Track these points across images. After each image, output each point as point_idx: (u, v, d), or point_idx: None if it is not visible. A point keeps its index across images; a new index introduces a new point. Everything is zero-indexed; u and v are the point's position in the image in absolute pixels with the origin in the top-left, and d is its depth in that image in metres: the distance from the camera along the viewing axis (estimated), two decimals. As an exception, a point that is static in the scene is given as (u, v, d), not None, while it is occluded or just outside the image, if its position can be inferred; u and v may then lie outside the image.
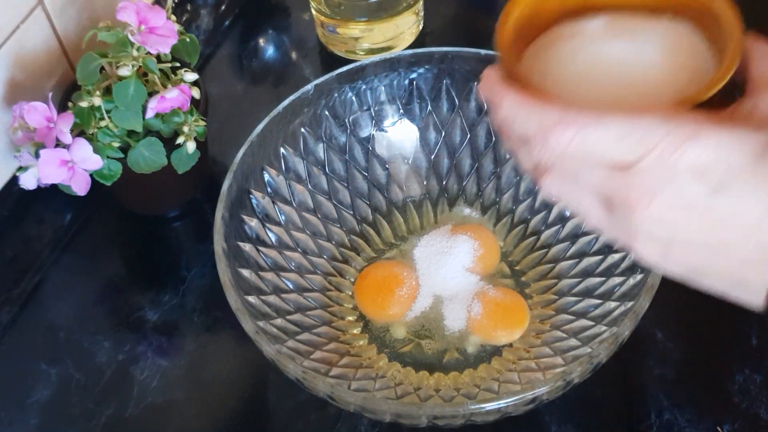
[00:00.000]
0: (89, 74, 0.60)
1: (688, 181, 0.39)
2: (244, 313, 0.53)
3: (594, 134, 0.39)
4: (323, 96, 0.64)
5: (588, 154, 0.40)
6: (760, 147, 0.39)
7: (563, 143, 0.40)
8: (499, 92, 0.43)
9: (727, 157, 0.39)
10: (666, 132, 0.39)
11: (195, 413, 0.61)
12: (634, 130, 0.39)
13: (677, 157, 0.39)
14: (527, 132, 0.41)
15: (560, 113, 0.40)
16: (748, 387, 0.59)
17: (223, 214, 0.57)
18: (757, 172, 0.39)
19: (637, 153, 0.39)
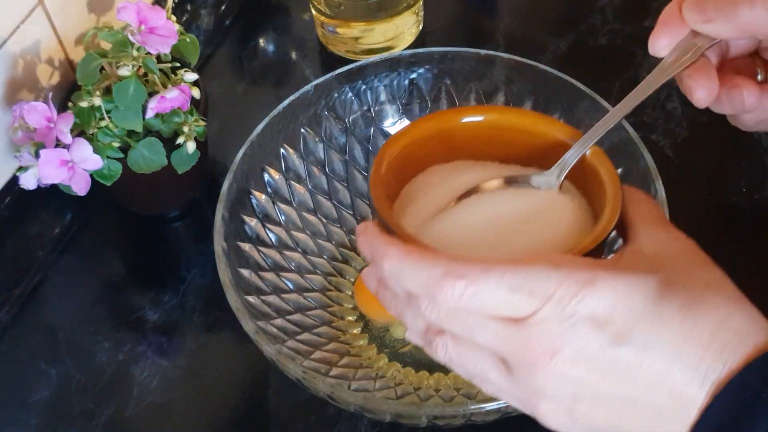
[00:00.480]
0: (89, 74, 0.60)
1: (589, 332, 0.37)
2: (244, 313, 0.53)
3: (486, 286, 0.37)
4: (323, 96, 0.64)
5: (481, 308, 0.38)
6: (655, 290, 0.38)
7: (454, 297, 0.38)
8: (380, 247, 0.41)
9: (626, 303, 0.37)
10: (560, 280, 0.37)
11: (195, 413, 0.61)
12: (527, 280, 0.37)
13: (574, 307, 0.37)
14: (414, 288, 0.39)
15: (448, 265, 0.38)
16: (748, 387, 0.59)
17: (223, 214, 0.57)
18: (656, 317, 0.38)
19: (533, 304, 0.37)
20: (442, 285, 0.38)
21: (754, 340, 0.38)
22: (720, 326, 0.38)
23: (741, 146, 0.72)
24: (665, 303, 0.38)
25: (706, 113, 0.74)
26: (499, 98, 0.65)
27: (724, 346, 0.37)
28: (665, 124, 0.73)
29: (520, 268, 0.38)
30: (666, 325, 0.38)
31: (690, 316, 0.38)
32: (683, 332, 0.38)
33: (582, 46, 0.79)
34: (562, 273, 0.37)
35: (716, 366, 0.37)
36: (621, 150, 0.59)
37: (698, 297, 0.39)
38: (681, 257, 0.41)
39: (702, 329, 0.38)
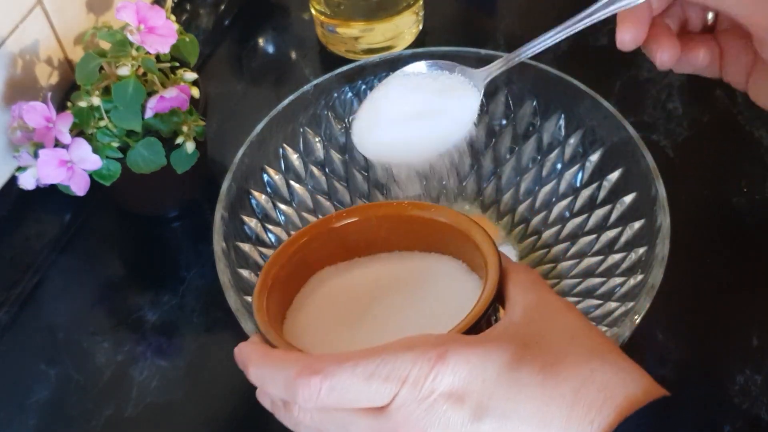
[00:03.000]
0: (88, 74, 0.60)
1: (449, 409, 0.37)
2: (244, 314, 0.53)
3: (340, 379, 0.38)
4: (323, 96, 0.64)
5: (341, 402, 0.38)
6: (511, 357, 0.38)
7: (312, 396, 0.38)
8: (244, 355, 0.42)
9: (480, 373, 0.37)
10: (413, 360, 0.37)
11: (194, 414, 0.61)
12: (380, 366, 0.37)
13: (430, 385, 0.37)
14: (277, 393, 0.40)
15: (302, 364, 0.38)
16: (749, 388, 0.58)
17: (223, 215, 0.57)
18: (513, 383, 0.37)
19: (390, 390, 0.37)
20: (297, 385, 0.38)
21: (623, 394, 0.37)
22: (583, 384, 0.37)
23: (741, 146, 0.72)
24: (523, 367, 0.38)
25: (706, 113, 0.74)
26: (499, 98, 0.65)
27: (590, 404, 0.37)
28: (666, 124, 0.73)
29: (373, 355, 0.38)
30: (525, 389, 0.37)
31: (551, 375, 0.37)
32: (544, 395, 0.37)
33: (582, 46, 0.79)
34: (414, 353, 0.38)
35: (584, 427, 0.36)
36: (621, 150, 0.59)
37: (561, 353, 0.38)
38: (547, 314, 0.41)
39: (564, 389, 0.37)
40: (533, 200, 0.66)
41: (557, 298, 0.42)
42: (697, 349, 0.61)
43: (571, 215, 0.63)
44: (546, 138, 0.65)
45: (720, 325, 0.62)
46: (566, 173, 0.64)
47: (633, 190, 0.59)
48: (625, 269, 0.57)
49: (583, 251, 0.62)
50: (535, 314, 0.41)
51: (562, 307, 0.41)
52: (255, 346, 0.42)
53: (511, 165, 0.66)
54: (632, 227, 0.58)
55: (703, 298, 0.63)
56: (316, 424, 0.40)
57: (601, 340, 0.40)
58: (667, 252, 0.53)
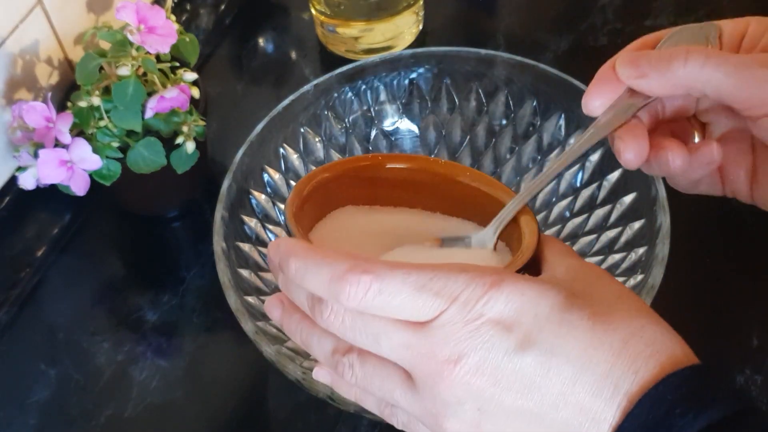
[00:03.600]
0: (88, 74, 0.60)
1: (495, 335, 0.36)
2: (244, 314, 0.53)
3: (391, 283, 0.36)
4: (323, 96, 0.64)
5: (385, 307, 0.37)
6: (564, 298, 0.38)
7: (358, 294, 0.36)
8: (288, 247, 0.39)
9: (533, 308, 0.37)
10: (467, 282, 0.37)
11: (194, 414, 0.61)
12: (433, 280, 0.37)
13: (481, 308, 0.36)
14: (318, 288, 0.38)
15: (354, 261, 0.37)
16: (749, 387, 0.58)
17: (223, 215, 0.57)
18: (564, 323, 0.37)
19: (438, 305, 0.37)
20: (346, 280, 0.37)
21: (668, 352, 0.37)
22: (632, 336, 0.37)
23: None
24: (575, 311, 0.37)
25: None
26: (499, 98, 0.65)
27: (636, 354, 0.37)
28: (666, 124, 0.73)
29: (426, 269, 0.37)
30: (575, 331, 0.37)
31: (600, 323, 0.37)
32: (593, 339, 0.37)
33: (582, 46, 0.79)
34: (469, 275, 0.37)
35: (627, 376, 0.36)
36: (621, 150, 0.59)
37: (610, 307, 0.38)
38: (591, 276, 0.41)
39: (613, 337, 0.37)
40: (533, 200, 0.66)
41: (597, 266, 0.42)
42: (697, 349, 0.61)
43: (571, 215, 0.63)
44: (546, 138, 0.65)
45: (720, 325, 0.62)
46: (566, 173, 0.64)
47: (633, 190, 0.59)
48: (625, 269, 0.57)
49: (583, 251, 0.62)
50: (579, 274, 0.41)
51: (603, 273, 0.42)
52: (297, 241, 0.40)
53: (511, 165, 0.66)
54: (632, 227, 0.58)
55: (703, 298, 0.63)
56: (345, 329, 0.38)
57: (645, 305, 0.40)
58: (667, 252, 0.53)
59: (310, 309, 0.39)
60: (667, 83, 0.43)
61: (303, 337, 0.41)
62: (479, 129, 0.66)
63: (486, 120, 0.66)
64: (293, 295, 0.41)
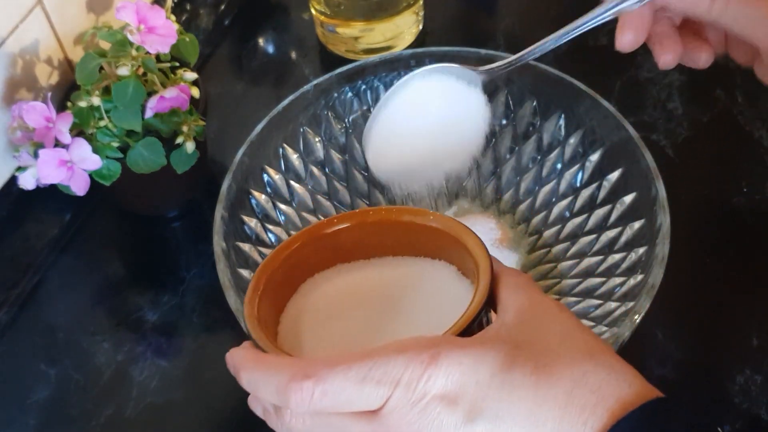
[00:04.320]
0: (88, 74, 0.60)
1: (442, 412, 0.37)
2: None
3: (333, 382, 0.37)
4: (323, 96, 0.64)
5: (334, 406, 0.38)
6: (503, 359, 0.38)
7: (305, 400, 0.37)
8: (233, 360, 0.41)
9: (473, 375, 0.37)
10: (405, 363, 0.37)
11: (194, 414, 0.61)
12: (373, 369, 0.37)
13: (423, 387, 0.37)
14: (270, 398, 0.39)
15: (294, 368, 0.38)
16: (749, 388, 0.58)
17: (223, 215, 0.57)
18: (506, 385, 0.37)
19: (383, 393, 0.37)
20: (289, 389, 0.38)
21: (615, 396, 0.37)
22: (576, 385, 0.37)
23: (741, 146, 0.72)
24: (517, 369, 0.37)
25: (707, 113, 0.74)
26: (499, 98, 0.65)
27: (583, 405, 0.37)
28: (666, 124, 0.73)
29: (365, 358, 0.38)
30: (518, 391, 0.37)
31: (544, 377, 0.37)
32: (536, 396, 0.37)
33: (582, 46, 0.79)
34: (407, 356, 0.37)
35: (577, 429, 0.36)
36: (621, 150, 0.59)
37: (553, 354, 0.38)
38: (539, 316, 0.41)
39: (557, 389, 0.37)
40: (533, 200, 0.66)
41: (549, 300, 0.42)
42: (697, 349, 0.61)
43: (571, 215, 0.63)
44: (546, 138, 0.65)
45: (720, 325, 0.62)
46: (566, 173, 0.64)
47: (633, 190, 0.59)
48: (625, 269, 0.57)
49: (583, 251, 0.62)
50: (527, 316, 0.41)
51: (554, 309, 0.41)
52: (246, 351, 0.42)
53: (511, 165, 0.66)
54: (632, 227, 0.58)
55: (703, 298, 0.63)
56: (308, 429, 0.39)
57: (593, 342, 0.39)
58: (667, 252, 0.53)
59: (274, 413, 0.41)
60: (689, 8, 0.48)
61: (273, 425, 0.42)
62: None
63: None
64: (255, 402, 0.42)
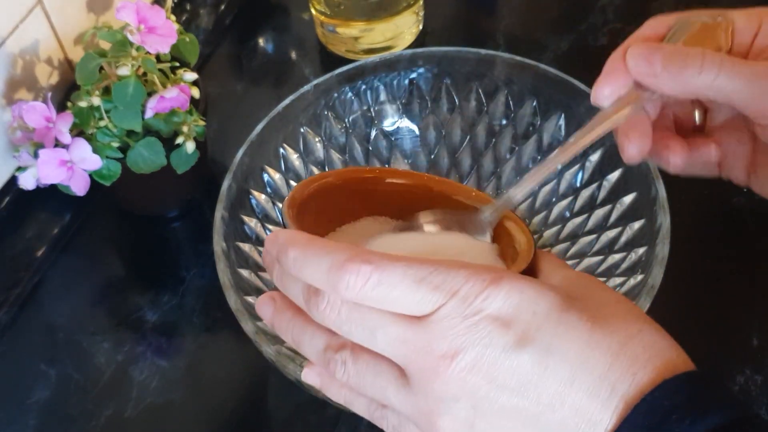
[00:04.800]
0: (88, 74, 0.60)
1: (492, 331, 0.36)
2: (244, 314, 0.53)
3: (391, 274, 0.36)
4: (323, 96, 0.64)
5: (383, 299, 0.36)
6: (561, 300, 0.37)
7: (357, 284, 0.36)
8: (287, 237, 0.39)
9: (532, 306, 0.36)
10: (467, 277, 0.36)
11: (194, 414, 0.61)
12: (433, 273, 0.36)
13: (480, 304, 0.36)
14: (317, 277, 0.37)
15: (354, 251, 0.37)
16: (749, 388, 0.58)
17: (223, 215, 0.57)
18: (563, 322, 0.37)
19: (437, 299, 0.36)
20: (345, 269, 0.36)
21: (665, 357, 0.37)
22: (630, 339, 0.37)
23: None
24: (573, 312, 0.37)
25: (706, 113, 0.73)
26: (499, 98, 0.65)
27: (634, 358, 0.36)
28: (666, 124, 0.73)
29: (428, 263, 0.37)
30: (573, 331, 0.36)
31: (599, 325, 0.37)
32: (591, 339, 0.36)
33: (582, 45, 0.79)
34: (469, 271, 0.37)
35: (625, 378, 0.36)
36: (621, 150, 0.59)
37: (607, 311, 0.38)
38: (588, 284, 0.41)
39: (611, 339, 0.37)
40: (533, 200, 0.66)
41: (592, 276, 0.42)
42: (697, 349, 0.61)
43: (571, 215, 0.63)
44: (546, 138, 0.65)
45: (720, 325, 0.62)
46: (566, 173, 0.64)
47: (633, 190, 0.59)
48: (625, 269, 0.57)
49: (583, 251, 0.62)
50: (575, 282, 0.41)
51: (599, 282, 0.41)
52: (298, 232, 0.39)
53: (511, 165, 0.66)
54: (632, 227, 0.58)
55: (703, 298, 0.63)
56: (341, 322, 0.37)
57: (642, 312, 0.40)
58: (667, 252, 0.53)
59: (305, 302, 0.39)
60: (678, 87, 0.43)
61: (294, 335, 0.41)
62: (479, 129, 0.66)
63: (486, 120, 0.66)
64: (288, 288, 0.40)
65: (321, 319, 0.38)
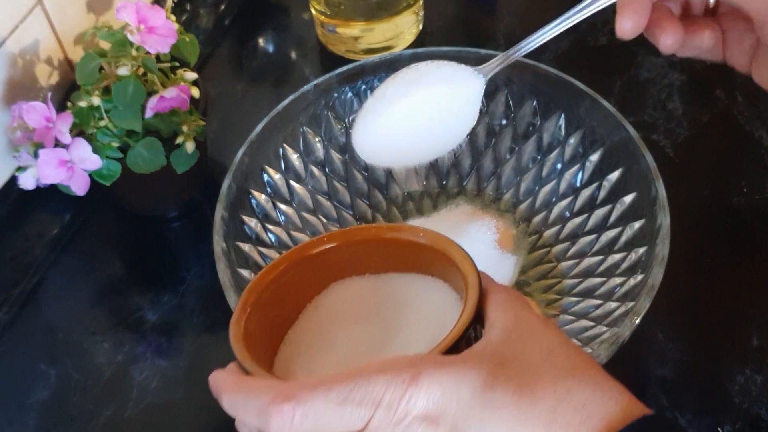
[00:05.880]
0: (88, 74, 0.60)
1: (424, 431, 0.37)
2: (244, 314, 0.52)
3: (313, 405, 0.37)
4: (323, 96, 0.64)
5: (315, 428, 0.37)
6: (483, 377, 0.37)
7: (286, 423, 0.37)
8: (215, 382, 0.41)
9: (454, 395, 0.37)
10: (386, 384, 0.37)
11: (194, 414, 0.61)
12: (353, 390, 0.37)
13: (405, 407, 0.36)
14: (251, 421, 0.38)
15: (274, 391, 0.37)
16: (749, 387, 0.58)
17: (223, 215, 0.57)
18: (488, 404, 0.37)
19: (364, 414, 0.37)
20: (270, 412, 0.37)
21: (601, 414, 0.36)
22: (560, 403, 0.37)
23: (741, 146, 0.72)
24: (498, 388, 0.37)
25: (707, 113, 0.74)
26: (499, 98, 0.65)
27: (567, 425, 0.36)
28: (666, 124, 0.73)
29: (346, 379, 0.37)
30: (500, 411, 0.36)
31: (526, 397, 0.37)
32: (519, 416, 0.36)
33: (582, 45, 0.79)
34: (387, 376, 0.37)
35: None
36: (621, 150, 0.59)
37: (536, 372, 0.38)
38: (524, 333, 0.40)
39: (540, 409, 0.36)
40: (533, 200, 0.66)
41: (536, 317, 0.42)
42: (697, 349, 0.61)
43: (571, 215, 0.63)
44: (546, 138, 0.65)
45: (720, 325, 0.62)
46: (566, 173, 0.64)
47: (633, 190, 0.59)
48: (625, 269, 0.57)
49: (583, 251, 0.62)
50: (513, 333, 0.40)
51: (539, 326, 0.41)
52: (229, 374, 0.41)
53: (511, 165, 0.66)
54: (632, 227, 0.58)
55: (703, 298, 0.63)
56: None
57: (579, 358, 0.39)
58: (667, 252, 0.53)
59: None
60: None
61: None
62: (479, 129, 0.66)
63: (486, 120, 0.66)
64: (244, 427, 0.41)
65: None
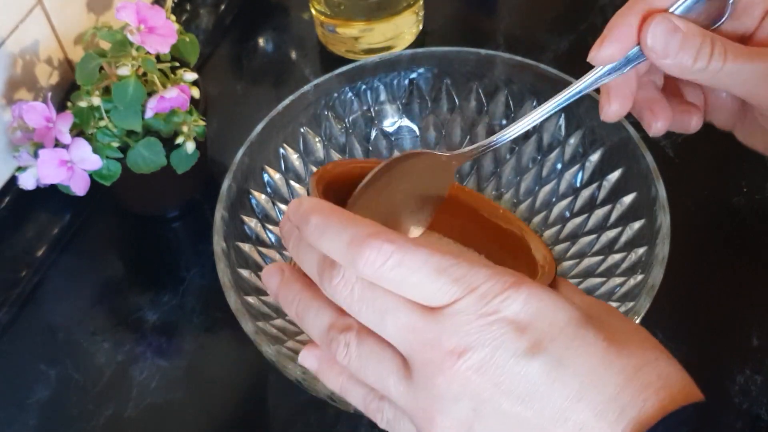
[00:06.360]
0: (88, 74, 0.60)
1: (505, 334, 0.34)
2: (244, 314, 0.53)
3: (412, 258, 0.34)
4: (323, 96, 0.64)
5: (400, 283, 0.35)
6: (579, 316, 0.36)
7: (377, 262, 0.34)
8: (310, 204, 0.37)
9: (550, 315, 0.35)
10: (488, 276, 0.35)
11: (194, 414, 0.61)
12: (455, 266, 0.35)
13: (497, 304, 0.34)
14: (335, 248, 0.35)
15: (379, 227, 0.35)
16: (749, 388, 0.59)
17: (223, 215, 0.57)
18: (579, 337, 0.35)
19: (455, 292, 0.35)
20: (367, 244, 0.34)
21: (680, 387, 0.36)
22: (646, 364, 0.36)
23: (741, 146, 0.71)
24: (590, 329, 0.36)
25: (706, 113, 0.74)
26: (499, 98, 0.65)
27: (647, 384, 0.35)
28: (666, 124, 0.73)
29: (451, 255, 0.35)
30: (588, 347, 0.35)
31: (615, 346, 0.36)
32: (605, 359, 0.35)
33: (582, 45, 0.79)
34: (492, 270, 0.35)
35: (636, 403, 0.34)
36: (622, 150, 0.59)
37: (624, 336, 0.37)
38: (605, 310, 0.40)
39: (626, 362, 0.35)
40: (533, 200, 0.66)
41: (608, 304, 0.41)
42: (697, 349, 0.61)
43: (571, 215, 0.63)
44: (546, 138, 0.65)
45: (720, 325, 0.62)
46: (566, 173, 0.64)
47: (633, 190, 0.59)
48: (625, 269, 0.57)
49: (583, 251, 0.62)
50: (595, 306, 0.39)
51: (615, 310, 0.40)
52: (323, 201, 0.38)
53: (511, 165, 0.66)
54: (632, 227, 0.58)
55: (703, 298, 0.63)
56: (351, 300, 0.36)
57: (658, 343, 0.38)
58: (667, 252, 0.53)
59: (318, 274, 0.37)
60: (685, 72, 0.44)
61: (299, 309, 0.39)
62: (479, 129, 0.66)
63: (486, 120, 0.66)
64: (303, 257, 0.38)
65: (332, 294, 0.36)
